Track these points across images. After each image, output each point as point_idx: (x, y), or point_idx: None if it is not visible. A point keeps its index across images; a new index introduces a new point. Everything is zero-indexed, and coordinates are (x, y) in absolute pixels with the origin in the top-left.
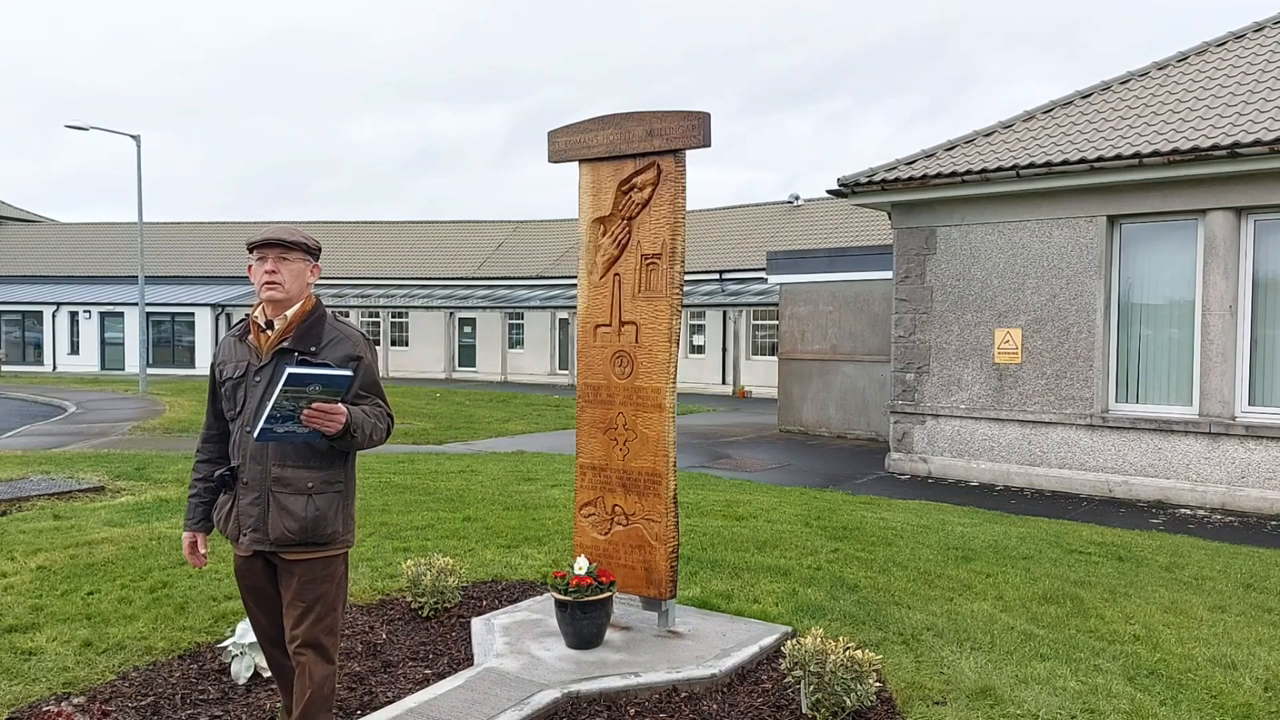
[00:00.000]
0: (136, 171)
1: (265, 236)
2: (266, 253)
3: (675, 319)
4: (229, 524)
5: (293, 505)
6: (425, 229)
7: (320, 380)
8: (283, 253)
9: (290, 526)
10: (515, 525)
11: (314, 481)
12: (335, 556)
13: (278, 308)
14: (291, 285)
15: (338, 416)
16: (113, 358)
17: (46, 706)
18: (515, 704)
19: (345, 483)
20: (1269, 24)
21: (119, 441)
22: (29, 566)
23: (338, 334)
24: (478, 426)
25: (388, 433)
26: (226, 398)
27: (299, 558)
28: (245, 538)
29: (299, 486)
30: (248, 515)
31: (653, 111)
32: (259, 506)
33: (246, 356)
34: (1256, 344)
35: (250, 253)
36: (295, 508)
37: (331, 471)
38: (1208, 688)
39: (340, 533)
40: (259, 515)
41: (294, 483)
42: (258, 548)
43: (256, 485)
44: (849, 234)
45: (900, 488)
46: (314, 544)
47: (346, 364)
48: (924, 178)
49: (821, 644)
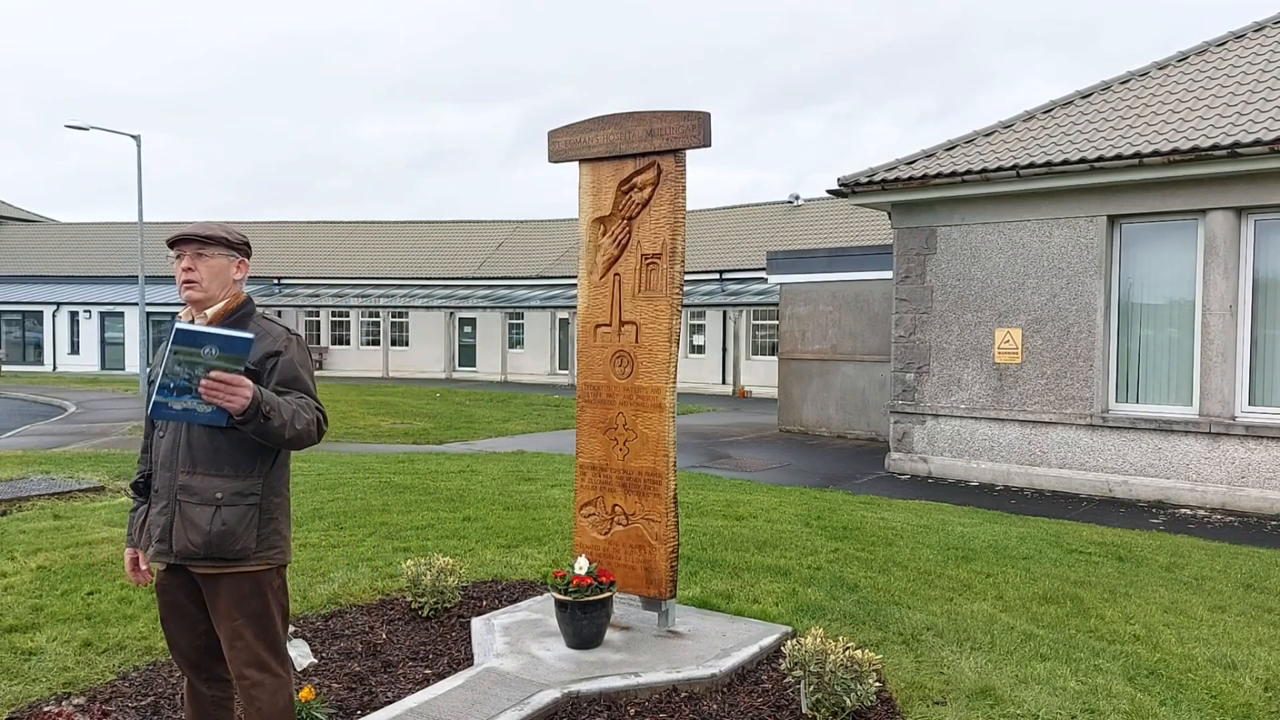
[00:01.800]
0: (137, 171)
1: (179, 233)
2: (183, 250)
3: (675, 319)
4: (140, 535)
5: (198, 517)
6: (426, 229)
7: (216, 341)
8: (199, 249)
9: (194, 539)
10: (515, 525)
11: (223, 492)
12: (263, 572)
13: (199, 307)
14: (210, 283)
15: (241, 390)
16: (113, 358)
17: (46, 706)
18: (515, 704)
19: (263, 496)
20: (1269, 24)
21: (119, 441)
22: (29, 566)
23: (260, 331)
24: (478, 426)
25: (319, 428)
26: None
27: (216, 572)
28: (150, 549)
29: (206, 496)
30: (155, 525)
31: (653, 111)
32: (165, 516)
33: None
34: (1256, 344)
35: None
36: (200, 520)
37: (245, 482)
38: (1208, 688)
39: (253, 549)
40: (165, 525)
41: (200, 492)
42: (164, 560)
43: (165, 493)
44: (849, 234)
45: (900, 488)
46: (221, 559)
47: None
48: (924, 178)
49: (821, 644)
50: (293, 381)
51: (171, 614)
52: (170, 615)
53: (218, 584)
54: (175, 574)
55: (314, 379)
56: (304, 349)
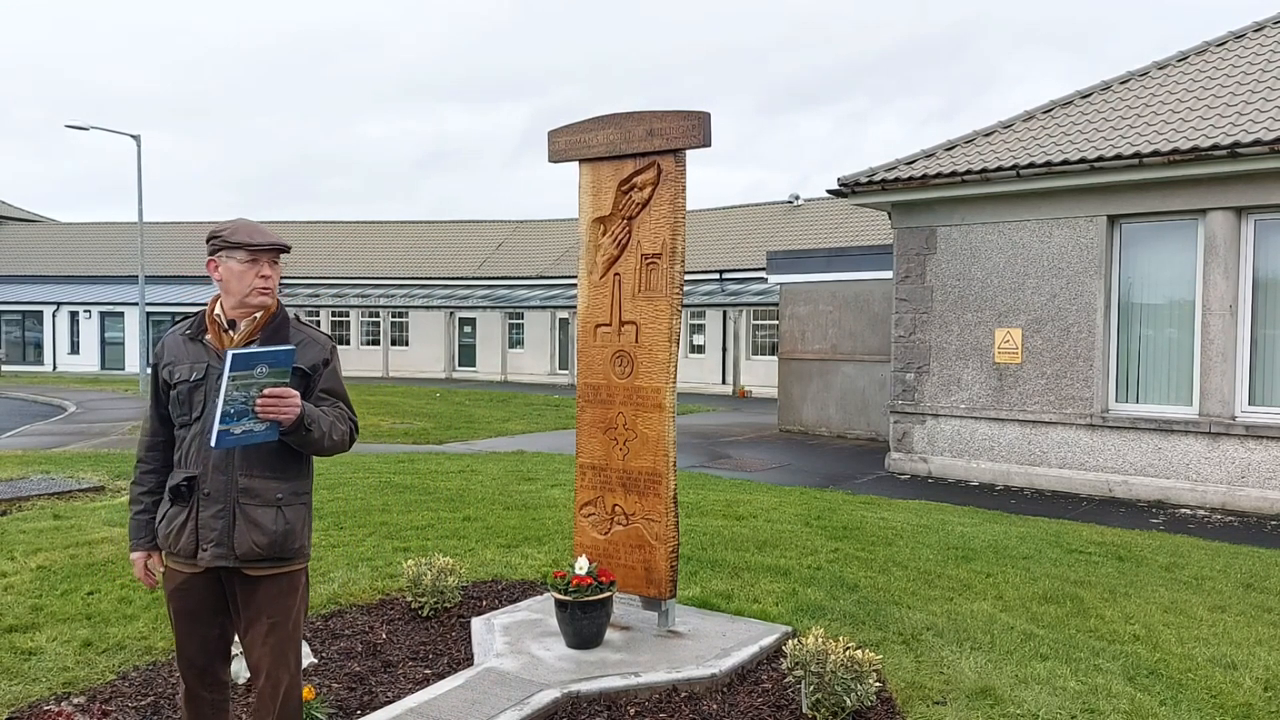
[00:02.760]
0: (136, 171)
1: (269, 241)
2: (263, 256)
3: (675, 319)
4: (182, 539)
5: (262, 518)
6: (426, 229)
7: (265, 359)
8: (275, 257)
9: (259, 541)
10: (515, 525)
11: (283, 493)
12: (300, 570)
13: (251, 309)
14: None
15: (291, 400)
16: (113, 357)
17: (46, 706)
18: (515, 704)
19: (310, 494)
20: (1269, 24)
21: (119, 441)
22: (29, 566)
23: (305, 336)
24: (478, 426)
25: (351, 438)
26: (179, 402)
27: (264, 573)
28: (206, 552)
29: (268, 498)
30: (210, 529)
31: (653, 111)
32: (223, 519)
33: (204, 358)
34: (1256, 344)
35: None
36: (265, 521)
37: (299, 482)
38: (1208, 688)
39: (305, 546)
40: (223, 529)
41: (263, 494)
42: (221, 563)
43: (220, 497)
44: (849, 234)
45: (900, 487)
46: (279, 559)
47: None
48: (924, 178)
49: (822, 644)
50: (334, 390)
51: (186, 618)
52: (185, 618)
53: (259, 584)
54: (203, 577)
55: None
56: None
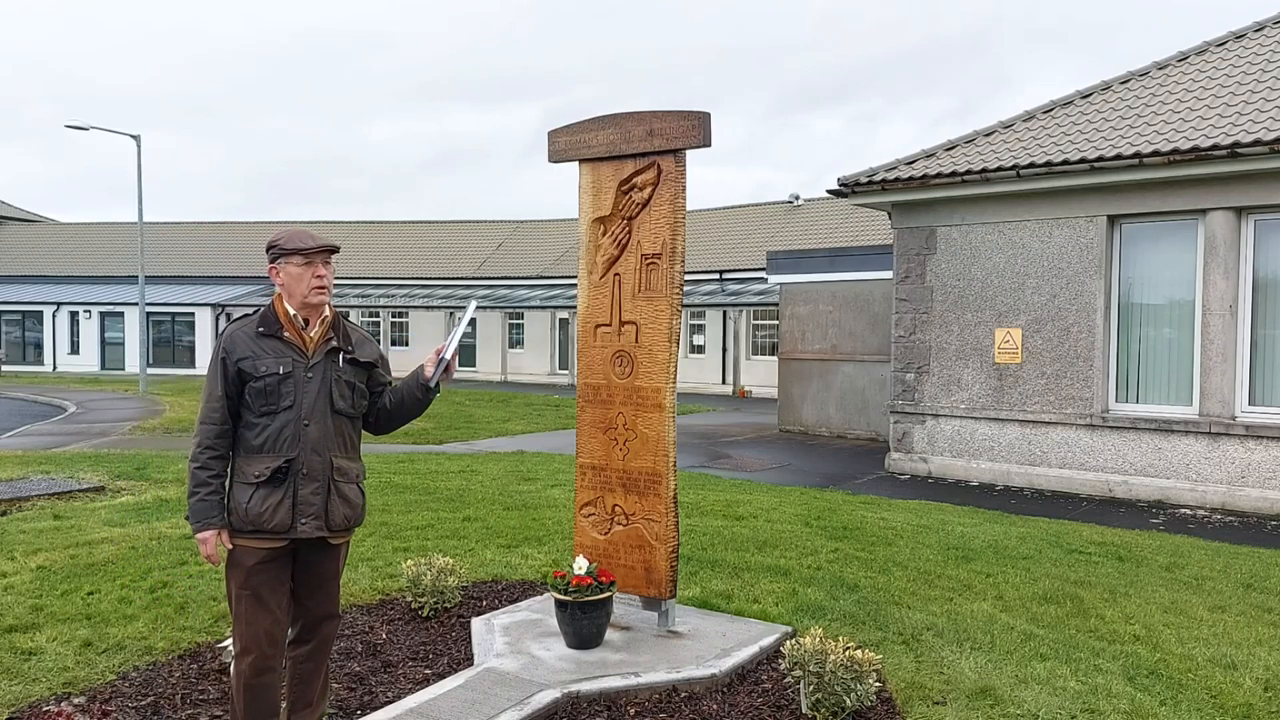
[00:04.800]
0: (136, 171)
1: (322, 243)
2: (316, 258)
3: (675, 319)
4: (278, 515)
5: (350, 494)
6: (426, 229)
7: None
8: (327, 258)
9: (348, 513)
10: (515, 525)
11: (358, 472)
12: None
13: (320, 311)
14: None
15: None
16: (113, 358)
17: (46, 706)
18: (515, 704)
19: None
20: (1269, 24)
21: (119, 441)
22: (29, 566)
23: (360, 335)
24: (478, 426)
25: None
26: (265, 393)
27: (340, 540)
28: (306, 524)
29: (351, 476)
30: (309, 504)
31: (653, 111)
32: (320, 495)
33: (288, 353)
34: (1256, 344)
35: (290, 257)
36: (352, 495)
37: (362, 465)
38: (1208, 688)
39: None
40: (321, 503)
41: (349, 473)
42: (318, 534)
43: (318, 475)
44: (849, 234)
45: (900, 488)
46: (352, 529)
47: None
48: (924, 178)
49: (821, 644)
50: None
51: (269, 590)
52: (267, 591)
53: (334, 551)
54: (283, 551)
55: None
56: None
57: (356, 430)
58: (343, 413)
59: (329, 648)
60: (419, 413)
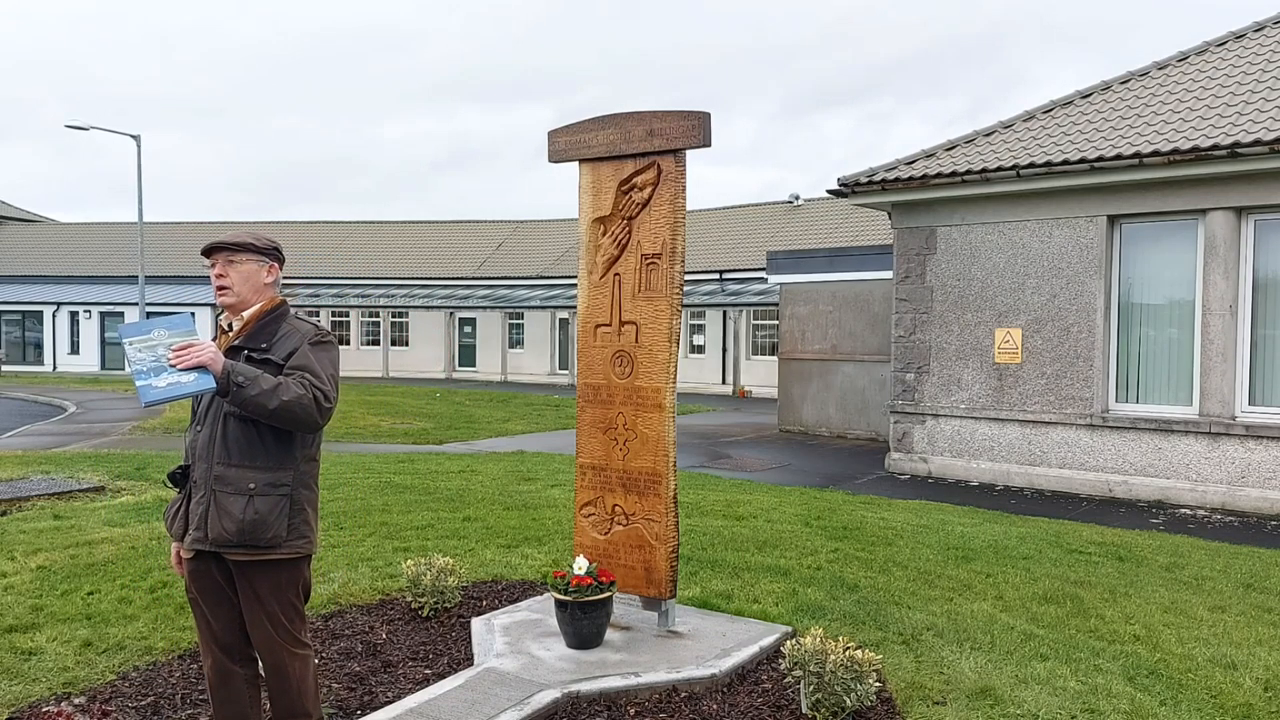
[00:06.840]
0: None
1: (212, 242)
2: (215, 258)
3: (675, 319)
4: (175, 522)
5: (232, 506)
6: (426, 229)
7: (160, 324)
8: (229, 256)
9: (228, 527)
10: (515, 525)
11: (256, 483)
12: (296, 559)
13: (233, 311)
14: (242, 288)
15: (200, 347)
16: (113, 358)
17: (46, 706)
18: (515, 704)
19: (294, 488)
20: (1269, 24)
21: (119, 441)
22: (29, 566)
23: (290, 329)
24: (478, 426)
25: (317, 405)
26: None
27: (248, 559)
28: (189, 536)
29: (240, 486)
30: (194, 514)
31: (653, 111)
32: (203, 505)
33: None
34: (1256, 344)
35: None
36: (234, 509)
37: (278, 474)
38: (1208, 688)
39: (284, 537)
40: (202, 514)
41: (235, 482)
42: (198, 547)
43: (203, 484)
44: (849, 234)
45: (900, 488)
46: (252, 546)
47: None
48: (924, 178)
49: (821, 644)
50: (303, 365)
51: (205, 598)
52: (205, 598)
53: (252, 571)
54: (205, 559)
55: (332, 366)
56: (326, 342)
57: (268, 436)
58: (239, 416)
59: (287, 680)
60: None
